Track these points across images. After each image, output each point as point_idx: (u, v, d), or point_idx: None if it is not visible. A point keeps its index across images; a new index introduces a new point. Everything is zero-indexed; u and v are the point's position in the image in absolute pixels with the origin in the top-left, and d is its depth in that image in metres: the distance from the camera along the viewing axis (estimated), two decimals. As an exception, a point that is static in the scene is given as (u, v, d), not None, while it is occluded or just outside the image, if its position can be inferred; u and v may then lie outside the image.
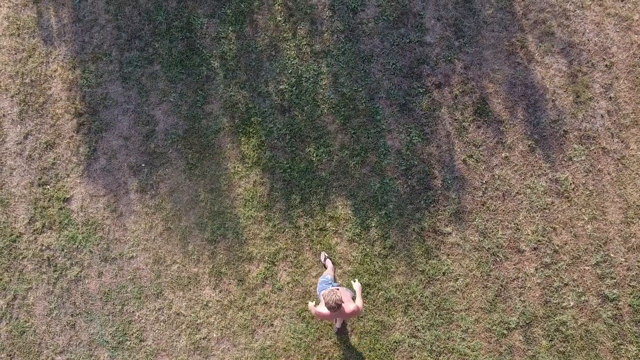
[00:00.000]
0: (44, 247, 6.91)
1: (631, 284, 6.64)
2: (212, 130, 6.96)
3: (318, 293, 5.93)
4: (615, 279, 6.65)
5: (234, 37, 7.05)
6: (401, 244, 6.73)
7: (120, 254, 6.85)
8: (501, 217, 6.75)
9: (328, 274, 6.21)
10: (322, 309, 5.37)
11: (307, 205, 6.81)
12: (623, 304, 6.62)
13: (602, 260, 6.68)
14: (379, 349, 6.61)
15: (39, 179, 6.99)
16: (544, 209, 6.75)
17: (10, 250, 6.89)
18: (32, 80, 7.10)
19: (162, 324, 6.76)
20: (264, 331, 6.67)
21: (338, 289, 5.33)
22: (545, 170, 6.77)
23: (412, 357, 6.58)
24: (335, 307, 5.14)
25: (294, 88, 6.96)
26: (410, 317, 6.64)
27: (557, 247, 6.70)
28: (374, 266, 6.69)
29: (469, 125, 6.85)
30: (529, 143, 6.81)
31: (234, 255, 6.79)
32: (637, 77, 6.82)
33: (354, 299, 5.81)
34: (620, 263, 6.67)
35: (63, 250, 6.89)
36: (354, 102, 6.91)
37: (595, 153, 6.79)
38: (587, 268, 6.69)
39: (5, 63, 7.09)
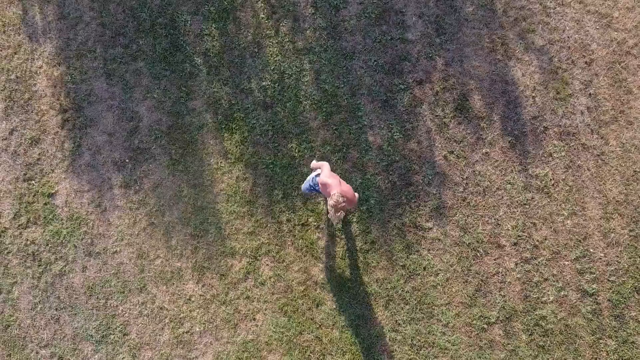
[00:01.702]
0: (28, 242, 6.99)
1: (610, 279, 6.74)
2: (196, 127, 7.05)
3: (307, 188, 6.35)
4: (594, 274, 6.75)
5: (217, 34, 7.13)
6: (382, 239, 6.82)
7: (104, 249, 6.94)
8: (481, 212, 6.85)
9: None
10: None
11: (289, 200, 6.90)
12: (602, 298, 6.72)
13: (582, 255, 6.78)
14: (360, 343, 6.70)
15: (24, 174, 7.07)
16: (524, 204, 6.84)
17: (-5, 245, 7.03)
18: (17, 76, 7.17)
19: (145, 318, 6.85)
20: (246, 325, 6.77)
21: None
22: (525, 166, 6.87)
23: (392, 351, 6.68)
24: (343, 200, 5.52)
25: (277, 85, 7.05)
26: (391, 311, 6.74)
27: (537, 242, 6.81)
28: (355, 261, 6.80)
29: (450, 121, 6.95)
30: (509, 139, 6.91)
31: (217, 250, 6.88)
32: (617, 74, 6.92)
33: None
34: (600, 258, 6.77)
35: (48, 244, 6.98)
36: (336, 98, 7.01)
37: (575, 149, 6.89)
38: (566, 263, 6.78)
39: (-10, 60, 7.23)
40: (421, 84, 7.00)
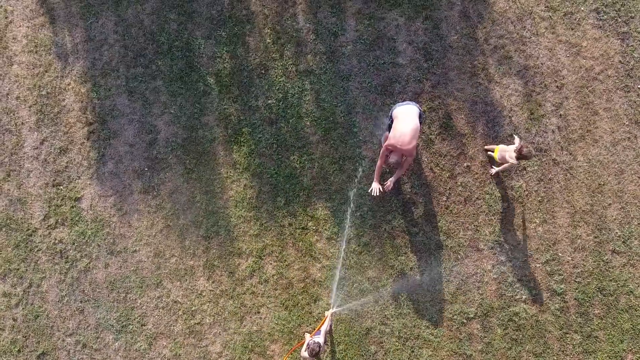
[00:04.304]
0: (57, 241, 7.39)
1: (577, 280, 7.24)
2: (208, 139, 7.45)
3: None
4: (562, 275, 7.24)
5: (228, 57, 7.52)
6: (374, 241, 7.32)
7: (124, 248, 7.36)
8: (462, 219, 7.36)
9: None
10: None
11: (290, 206, 7.36)
12: (569, 297, 7.21)
13: (551, 258, 7.27)
14: (353, 335, 7.21)
15: (53, 180, 7.44)
16: (501, 212, 7.33)
17: (26, 243, 7.38)
18: (47, 92, 7.51)
19: (161, 310, 7.30)
20: (251, 318, 7.27)
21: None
22: (502, 179, 7.37)
23: (382, 342, 7.19)
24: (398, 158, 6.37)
25: (281, 103, 7.45)
26: (380, 307, 7.23)
27: (511, 247, 7.29)
28: (350, 261, 7.30)
29: (436, 138, 7.43)
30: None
31: (226, 250, 7.34)
32: (585, 97, 7.44)
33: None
34: (567, 261, 7.26)
35: (74, 244, 7.38)
36: (334, 116, 7.44)
37: (546, 164, 7.39)
38: (537, 265, 7.27)
39: (24, 77, 7.52)
40: (410, 104, 7.53)
